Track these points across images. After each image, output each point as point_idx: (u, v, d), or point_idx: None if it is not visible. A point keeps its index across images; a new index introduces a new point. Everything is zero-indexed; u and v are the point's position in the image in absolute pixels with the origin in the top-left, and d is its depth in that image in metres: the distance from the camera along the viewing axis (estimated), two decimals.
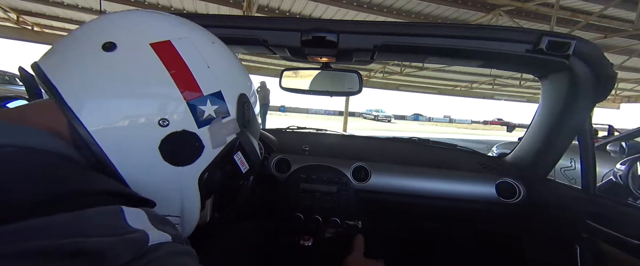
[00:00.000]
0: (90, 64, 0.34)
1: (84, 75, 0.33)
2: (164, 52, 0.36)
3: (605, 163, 2.46)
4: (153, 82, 0.35)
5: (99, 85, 0.33)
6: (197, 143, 0.38)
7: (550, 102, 0.91)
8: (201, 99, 0.37)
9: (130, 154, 0.34)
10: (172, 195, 0.38)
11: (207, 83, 0.38)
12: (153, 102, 0.35)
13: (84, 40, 0.36)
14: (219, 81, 0.40)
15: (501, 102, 16.66)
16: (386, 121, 28.43)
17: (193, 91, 0.37)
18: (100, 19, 0.38)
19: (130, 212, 0.27)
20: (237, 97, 0.42)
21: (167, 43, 0.37)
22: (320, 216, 1.03)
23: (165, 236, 0.28)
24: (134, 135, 0.34)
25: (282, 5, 5.44)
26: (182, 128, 0.36)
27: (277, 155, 1.10)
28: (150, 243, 0.26)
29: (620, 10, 4.60)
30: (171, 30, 0.39)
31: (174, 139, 0.36)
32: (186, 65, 0.37)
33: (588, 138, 0.83)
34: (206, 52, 0.40)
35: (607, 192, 1.59)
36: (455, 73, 10.79)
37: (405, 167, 1.09)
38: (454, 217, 1.12)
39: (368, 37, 0.75)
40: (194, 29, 0.42)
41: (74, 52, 0.35)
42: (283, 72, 1.01)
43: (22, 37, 7.12)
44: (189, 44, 0.38)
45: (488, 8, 4.94)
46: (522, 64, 0.85)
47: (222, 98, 0.40)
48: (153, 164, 0.35)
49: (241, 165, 0.45)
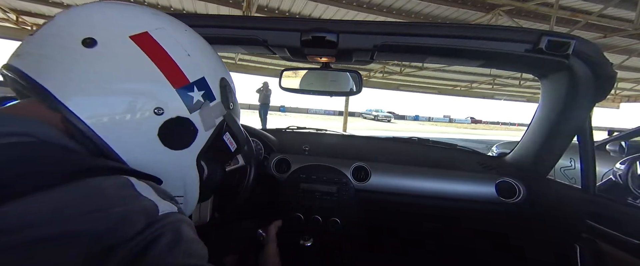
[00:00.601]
0: (73, 61, 0.34)
1: (71, 72, 0.34)
2: (146, 44, 0.37)
3: (605, 162, 2.46)
4: (142, 74, 0.37)
5: (89, 81, 0.34)
6: (192, 127, 0.41)
7: (550, 101, 0.91)
8: (188, 86, 0.40)
9: (132, 143, 0.36)
10: (175, 177, 0.41)
11: (191, 71, 0.40)
12: (146, 93, 0.37)
13: (60, 37, 0.35)
14: (201, 68, 0.42)
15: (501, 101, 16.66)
16: (386, 121, 28.44)
17: (180, 79, 0.39)
18: (69, 14, 0.37)
19: (138, 184, 0.30)
20: (219, 81, 0.45)
21: (145, 35, 0.38)
22: (320, 216, 1.03)
23: (172, 207, 0.31)
24: (133, 125, 0.36)
25: (282, 5, 5.43)
26: (176, 115, 0.39)
27: (277, 155, 1.10)
28: (160, 212, 0.29)
29: (620, 10, 4.60)
30: (146, 21, 0.39)
31: (170, 125, 0.38)
32: (169, 55, 0.39)
33: (588, 137, 0.83)
34: (183, 41, 0.42)
35: (607, 191, 1.59)
36: (455, 73, 10.78)
37: (405, 167, 1.09)
38: (454, 217, 1.13)
39: (368, 37, 0.75)
40: (167, 18, 0.43)
41: (51, 50, 0.35)
42: (283, 72, 1.01)
43: (22, 38, 7.08)
44: (166, 33, 0.40)
45: (488, 8, 4.94)
46: (522, 63, 0.85)
47: (206, 83, 0.42)
48: (155, 150, 0.38)
49: (230, 144, 0.49)
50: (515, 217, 1.03)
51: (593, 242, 0.77)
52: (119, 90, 0.35)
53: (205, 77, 0.42)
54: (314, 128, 1.46)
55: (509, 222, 1.05)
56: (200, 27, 0.78)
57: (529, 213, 0.99)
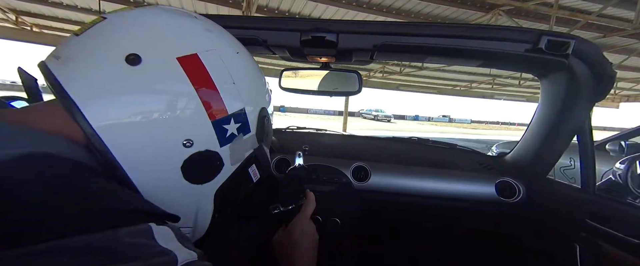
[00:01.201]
0: (112, 77, 0.31)
1: (105, 89, 0.31)
2: (191, 68, 0.34)
3: (605, 162, 2.46)
4: (180, 101, 0.33)
5: (122, 102, 0.31)
6: (218, 161, 0.37)
7: (550, 101, 0.91)
8: (225, 118, 0.36)
9: (152, 173, 0.33)
10: (188, 209, 0.38)
11: (232, 102, 0.37)
12: (179, 123, 0.33)
13: (104, 48, 0.32)
14: (243, 98, 0.39)
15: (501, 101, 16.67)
16: (386, 121, 28.45)
17: (219, 110, 0.36)
18: (119, 21, 0.35)
19: (158, 231, 0.28)
20: (258, 112, 0.41)
21: (194, 57, 0.34)
22: (320, 216, 1.03)
23: (192, 255, 0.28)
24: (157, 156, 0.33)
25: (282, 5, 5.43)
26: (205, 148, 0.35)
27: (277, 155, 1.10)
28: (179, 264, 0.26)
29: (619, 10, 4.60)
30: (197, 40, 0.36)
31: (196, 158, 0.35)
32: (213, 82, 0.35)
33: (587, 137, 0.83)
34: (232, 66, 0.38)
35: (607, 191, 1.59)
36: (455, 73, 10.78)
37: (405, 166, 1.09)
38: (454, 217, 1.13)
39: (367, 36, 0.75)
40: (219, 37, 0.39)
41: (92, 61, 0.32)
42: (282, 72, 1.01)
43: (21, 38, 7.09)
44: (216, 57, 0.36)
45: (487, 8, 4.94)
46: (522, 63, 0.85)
47: (245, 115, 0.39)
48: (173, 183, 0.35)
49: (253, 176, 0.45)
50: (515, 217, 1.03)
51: (593, 242, 0.77)
52: (150, 116, 0.32)
53: (245, 108, 0.39)
54: (313, 128, 1.46)
55: (508, 222, 1.05)
56: None
57: (529, 213, 0.99)
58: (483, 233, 1.13)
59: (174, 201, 0.36)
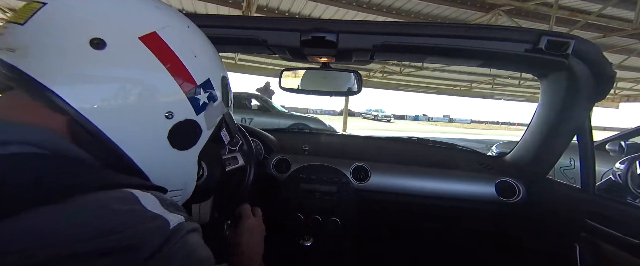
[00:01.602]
0: (83, 64, 0.32)
1: (82, 75, 0.32)
2: (155, 46, 0.36)
3: (605, 162, 2.46)
4: (153, 79, 0.36)
5: (101, 86, 0.33)
6: (197, 128, 0.42)
7: (550, 101, 0.91)
8: (196, 89, 0.40)
9: (143, 146, 0.37)
10: (177, 174, 0.43)
11: (198, 73, 0.40)
12: (157, 98, 0.36)
13: (65, 35, 0.32)
14: (205, 69, 0.42)
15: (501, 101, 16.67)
16: (386, 121, 28.45)
17: (189, 83, 0.39)
18: (71, 9, 0.34)
19: (142, 197, 0.30)
20: (221, 80, 0.46)
21: (154, 35, 0.36)
22: (320, 216, 1.03)
23: (179, 217, 0.31)
24: (144, 129, 0.36)
25: (281, 5, 5.43)
26: (185, 118, 0.39)
27: (277, 155, 1.10)
28: (171, 227, 0.29)
29: (619, 10, 4.60)
30: (151, 18, 0.38)
31: (179, 128, 0.39)
32: (178, 58, 0.38)
33: (587, 137, 0.83)
34: (188, 40, 0.41)
35: (607, 191, 1.59)
36: (455, 73, 10.78)
37: (405, 166, 1.09)
38: (454, 217, 1.13)
39: (367, 37, 0.75)
40: (169, 13, 0.40)
41: (56, 49, 0.32)
42: (282, 72, 1.01)
43: None
44: (173, 33, 0.38)
45: (487, 8, 4.94)
46: (522, 63, 0.85)
47: (211, 84, 0.43)
48: (165, 151, 0.39)
49: (225, 138, 0.51)
50: (514, 217, 1.03)
51: (592, 242, 0.77)
52: (130, 95, 0.34)
53: (210, 79, 0.42)
54: (313, 128, 1.46)
55: (508, 222, 1.06)
56: (200, 27, 0.78)
57: (529, 212, 0.99)
58: (483, 233, 1.13)
59: (166, 169, 0.40)
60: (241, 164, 0.89)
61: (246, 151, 0.92)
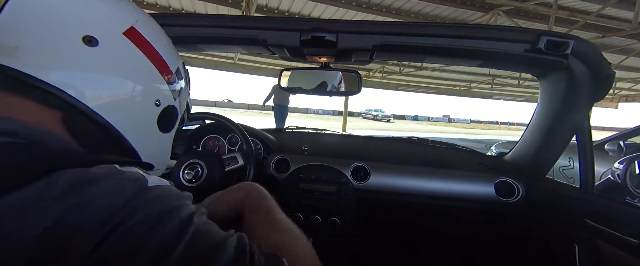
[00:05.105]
0: (76, 59, 0.33)
1: (76, 70, 0.33)
2: (138, 40, 0.39)
3: (604, 162, 2.47)
4: (141, 70, 0.39)
5: (95, 79, 0.35)
6: (176, 112, 0.47)
7: (549, 101, 0.91)
8: (173, 76, 0.45)
9: (138, 131, 0.41)
10: (159, 154, 0.47)
11: (171, 62, 0.44)
12: (146, 88, 0.40)
13: (54, 31, 0.32)
14: (174, 57, 0.46)
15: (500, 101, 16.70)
16: (385, 121, 28.44)
17: (167, 72, 0.43)
18: (48, 6, 0.33)
19: (124, 168, 0.31)
20: (182, 66, 0.50)
21: (132, 30, 0.38)
22: (320, 216, 1.02)
23: (165, 182, 0.32)
24: (138, 116, 0.40)
25: (281, 5, 5.42)
26: (167, 104, 0.44)
27: (276, 155, 1.10)
28: (149, 184, 0.29)
29: (618, 10, 4.61)
30: (126, 12, 0.39)
31: (165, 113, 0.44)
32: (155, 49, 0.41)
33: (586, 137, 0.84)
34: (156, 30, 0.44)
35: (606, 190, 1.60)
36: (454, 73, 10.78)
37: (404, 166, 1.09)
38: (453, 216, 1.13)
39: (367, 36, 0.75)
40: (134, 7, 0.41)
41: (49, 46, 0.32)
42: (282, 72, 1.01)
43: None
44: (144, 26, 0.41)
45: (487, 8, 4.94)
46: (521, 63, 0.86)
47: (179, 71, 0.47)
48: (154, 136, 0.44)
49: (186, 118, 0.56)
50: (514, 217, 1.03)
51: (592, 241, 0.77)
52: (123, 87, 0.37)
53: (179, 67, 0.47)
54: (313, 128, 1.46)
55: (507, 222, 1.06)
56: (199, 27, 0.78)
57: (528, 212, 1.00)
58: (482, 232, 1.13)
59: (155, 150, 0.45)
60: (241, 164, 0.89)
61: (246, 151, 0.92)
